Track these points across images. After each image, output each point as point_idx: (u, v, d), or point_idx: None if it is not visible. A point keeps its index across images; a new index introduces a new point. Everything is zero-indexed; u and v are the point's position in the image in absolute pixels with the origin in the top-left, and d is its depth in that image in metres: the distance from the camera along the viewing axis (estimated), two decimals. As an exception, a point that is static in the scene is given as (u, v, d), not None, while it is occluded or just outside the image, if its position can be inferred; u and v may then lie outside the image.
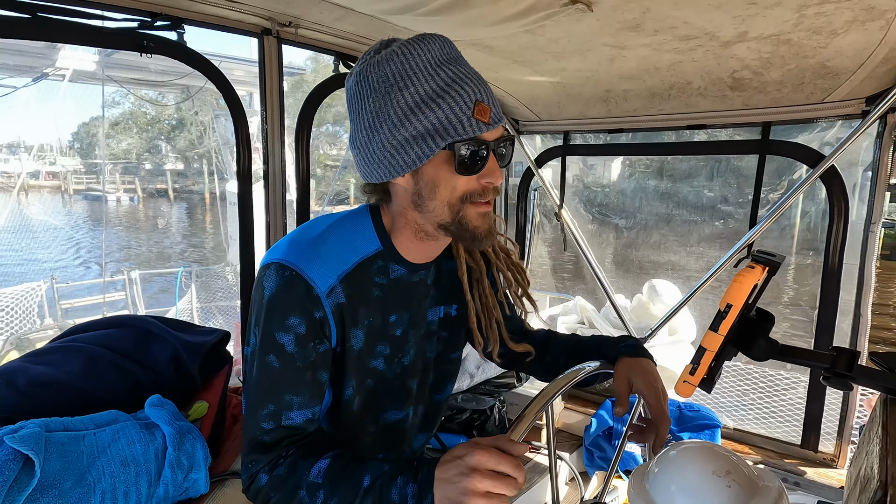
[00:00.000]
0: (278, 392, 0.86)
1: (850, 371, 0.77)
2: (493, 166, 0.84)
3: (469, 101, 0.79)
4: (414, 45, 0.81)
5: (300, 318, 0.84)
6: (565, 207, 2.30)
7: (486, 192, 0.85)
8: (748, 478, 0.73)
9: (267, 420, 0.86)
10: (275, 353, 0.85)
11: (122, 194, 30.04)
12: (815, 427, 1.85)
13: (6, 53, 5.66)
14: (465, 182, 0.84)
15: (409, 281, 0.97)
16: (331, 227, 0.92)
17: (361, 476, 0.81)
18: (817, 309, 1.77)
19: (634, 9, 1.18)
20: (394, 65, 0.81)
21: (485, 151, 0.82)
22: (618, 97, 1.83)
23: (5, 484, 0.80)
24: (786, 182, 2.08)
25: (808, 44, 1.29)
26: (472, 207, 0.85)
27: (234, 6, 1.37)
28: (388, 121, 0.81)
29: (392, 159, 0.83)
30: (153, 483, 0.95)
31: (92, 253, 16.33)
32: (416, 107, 0.79)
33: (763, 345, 0.83)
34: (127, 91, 9.38)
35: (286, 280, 0.84)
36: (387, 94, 0.81)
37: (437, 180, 0.84)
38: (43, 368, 1.07)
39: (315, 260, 0.86)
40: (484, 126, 0.81)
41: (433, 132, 0.80)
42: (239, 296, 1.73)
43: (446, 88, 0.79)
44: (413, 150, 0.81)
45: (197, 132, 23.40)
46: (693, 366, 0.84)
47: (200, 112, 7.15)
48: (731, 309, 0.78)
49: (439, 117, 0.79)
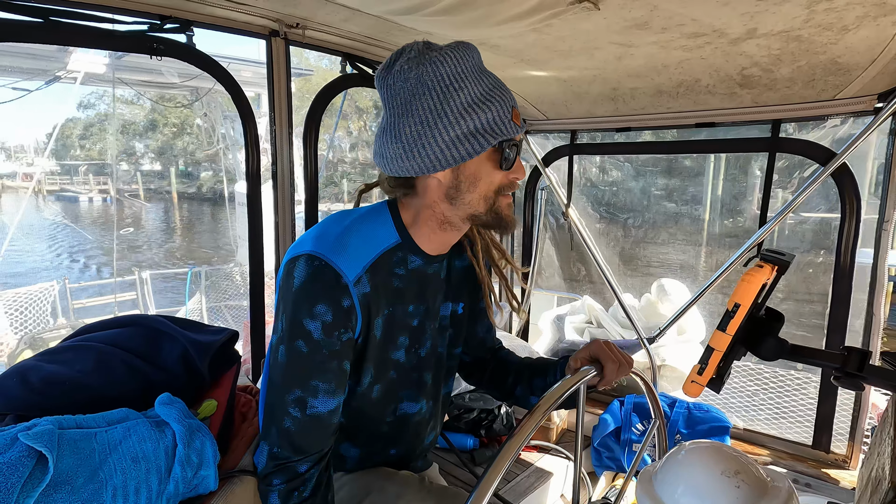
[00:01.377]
0: (305, 377, 0.89)
1: (861, 371, 0.76)
2: (520, 163, 0.95)
3: (508, 105, 0.89)
4: (461, 51, 0.89)
5: (327, 307, 0.88)
6: (572, 206, 2.30)
7: (513, 185, 0.96)
8: (757, 478, 0.73)
9: (293, 406, 0.89)
10: (303, 338, 0.88)
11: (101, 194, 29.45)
12: (827, 427, 1.83)
13: (19, 57, 5.75)
14: (502, 177, 0.93)
15: (425, 272, 1.02)
16: (354, 221, 0.97)
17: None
18: (829, 307, 1.75)
19: (641, 7, 1.18)
20: (448, 67, 0.87)
21: (517, 150, 0.94)
22: (625, 95, 1.82)
23: (20, 480, 0.81)
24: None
25: (819, 40, 1.27)
26: (504, 199, 0.96)
27: (243, 8, 1.38)
28: (446, 117, 0.87)
29: (446, 153, 0.89)
30: (163, 480, 0.97)
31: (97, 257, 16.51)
32: (470, 107, 0.87)
33: (772, 344, 0.82)
34: (103, 92, 9.28)
35: (315, 269, 0.88)
36: (444, 92, 0.87)
37: (479, 174, 0.92)
38: (56, 367, 1.08)
39: (342, 251, 0.91)
40: (516, 129, 0.91)
41: (484, 131, 0.88)
42: (248, 296, 1.74)
43: (492, 93, 0.89)
44: (466, 146, 0.88)
45: (171, 132, 23.22)
46: (701, 366, 0.84)
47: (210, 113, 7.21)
48: (739, 308, 0.77)
49: (489, 118, 0.87)
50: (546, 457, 2.08)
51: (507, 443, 0.77)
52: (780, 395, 2.41)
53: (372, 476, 1.04)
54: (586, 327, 2.75)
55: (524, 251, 2.53)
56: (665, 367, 2.41)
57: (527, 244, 2.52)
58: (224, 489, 1.09)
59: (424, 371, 1.08)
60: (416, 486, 1.04)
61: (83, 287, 7.79)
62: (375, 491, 1.01)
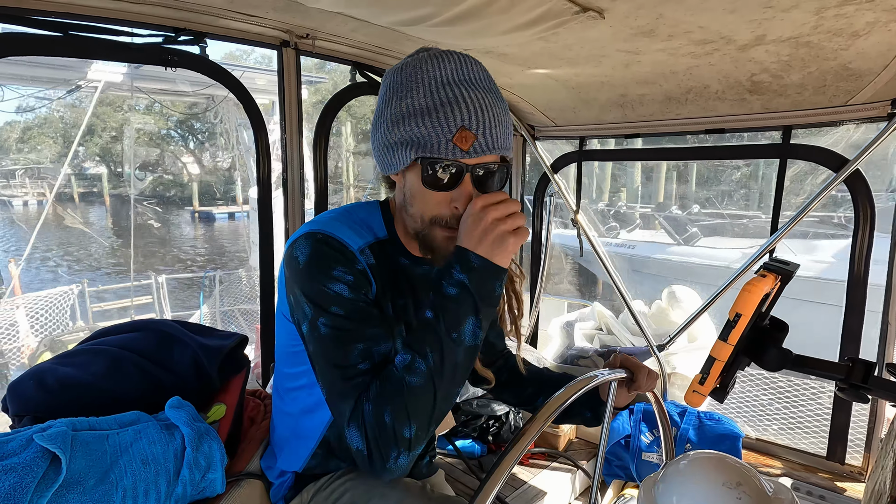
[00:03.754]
0: (357, 332, 0.84)
1: (865, 382, 0.75)
2: (466, 191, 0.83)
3: (453, 125, 0.80)
4: (430, 59, 0.84)
5: (344, 269, 0.85)
6: (581, 213, 2.29)
7: (452, 219, 0.85)
8: (759, 490, 0.72)
9: (361, 360, 0.83)
10: (335, 303, 0.84)
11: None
12: (842, 438, 1.79)
13: (41, 67, 5.93)
14: (436, 200, 0.85)
15: (413, 272, 1.00)
16: (345, 210, 0.98)
17: (424, 315, 0.81)
18: (843, 317, 1.72)
19: (647, 15, 1.18)
20: (404, 74, 0.85)
21: (457, 173, 0.82)
22: (633, 102, 1.82)
23: (34, 480, 0.83)
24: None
25: (829, 46, 1.26)
26: (440, 230, 0.87)
27: (254, 20, 1.41)
28: (384, 123, 0.86)
29: (382, 158, 0.89)
30: (172, 482, 0.99)
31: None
32: (403, 118, 0.83)
33: (775, 355, 0.81)
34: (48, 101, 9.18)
35: (319, 241, 0.87)
36: (391, 98, 0.86)
37: (414, 190, 0.87)
38: (70, 370, 1.12)
39: (340, 227, 0.91)
40: (461, 153, 0.81)
41: (409, 144, 0.83)
42: (259, 299, 1.77)
43: (436, 108, 0.81)
44: (393, 155, 0.86)
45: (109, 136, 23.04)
46: (703, 375, 0.83)
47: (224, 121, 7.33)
48: (740, 318, 0.77)
49: (417, 133, 0.82)
50: (553, 465, 2.07)
51: (528, 424, 0.78)
52: (793, 404, 2.37)
53: (373, 482, 1.04)
54: (596, 334, 2.74)
55: (533, 257, 2.53)
56: (675, 375, 2.38)
57: (535, 250, 2.52)
58: (231, 492, 1.10)
59: None
60: (418, 493, 1.05)
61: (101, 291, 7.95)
62: (377, 497, 1.01)
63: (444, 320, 0.79)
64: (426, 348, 0.79)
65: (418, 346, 0.80)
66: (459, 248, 0.81)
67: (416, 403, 0.79)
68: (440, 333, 0.79)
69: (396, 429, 0.78)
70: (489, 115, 0.82)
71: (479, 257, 0.79)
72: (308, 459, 1.07)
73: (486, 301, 0.80)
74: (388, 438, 0.78)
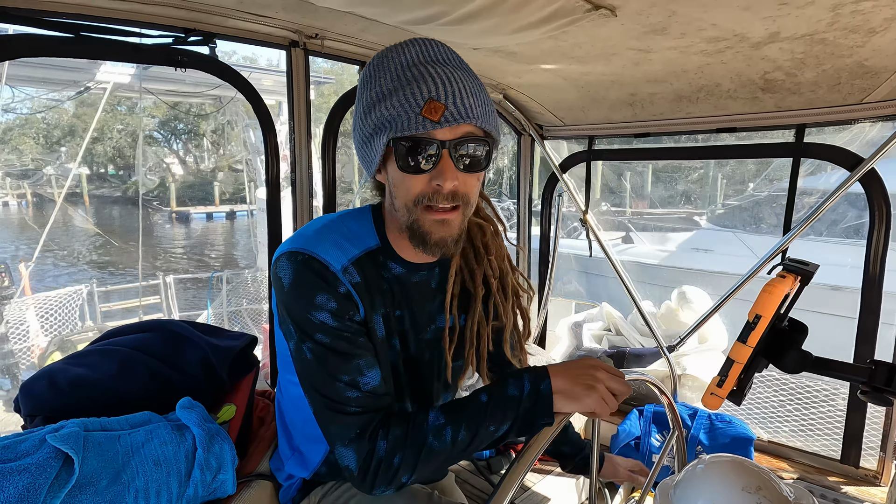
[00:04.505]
0: (344, 362, 0.83)
1: (889, 385, 0.74)
2: (446, 167, 0.79)
3: (420, 97, 0.76)
4: (395, 48, 0.82)
5: (327, 295, 0.84)
6: (590, 213, 2.28)
7: (437, 197, 0.80)
8: (780, 495, 0.71)
9: (349, 389, 0.83)
10: (319, 331, 0.83)
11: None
12: (857, 441, 1.76)
13: (52, 69, 5.99)
14: (418, 183, 0.80)
15: (408, 281, 0.96)
16: (332, 220, 0.94)
17: (478, 396, 0.83)
18: (858, 318, 1.69)
19: (660, 12, 1.17)
20: (371, 66, 0.84)
21: (433, 149, 0.78)
22: (644, 101, 1.80)
23: (47, 481, 0.83)
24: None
25: (845, 43, 1.24)
26: (427, 213, 0.82)
27: (263, 20, 1.41)
28: (358, 118, 0.85)
29: (362, 156, 0.87)
30: (183, 483, 0.98)
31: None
32: (371, 104, 0.80)
33: (795, 357, 0.80)
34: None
35: (300, 263, 0.84)
36: (359, 93, 0.84)
37: (396, 180, 0.83)
38: (82, 370, 1.12)
39: (322, 244, 0.87)
40: (431, 124, 0.76)
41: (380, 128, 0.79)
42: (268, 299, 1.77)
43: (401, 86, 0.77)
44: (370, 148, 0.83)
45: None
46: (721, 378, 0.82)
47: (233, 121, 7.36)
48: (760, 320, 0.76)
49: (384, 114, 0.78)
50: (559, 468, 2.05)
51: (521, 453, 0.77)
52: (806, 406, 2.34)
53: None
54: (605, 334, 2.72)
55: (541, 257, 2.52)
56: (686, 377, 2.36)
57: (544, 250, 2.51)
58: (242, 493, 1.10)
59: (417, 380, 1.03)
60: (425, 500, 1.04)
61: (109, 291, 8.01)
62: (384, 502, 1.01)
63: (490, 412, 0.81)
64: (462, 425, 0.81)
65: (454, 418, 0.82)
66: (545, 367, 0.83)
67: (427, 462, 0.82)
68: (482, 420, 0.81)
69: (399, 473, 0.81)
70: (458, 85, 0.78)
71: (550, 389, 0.80)
72: (319, 466, 1.07)
73: (525, 425, 0.82)
74: (388, 476, 0.82)
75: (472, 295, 1.01)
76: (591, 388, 0.79)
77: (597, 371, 0.81)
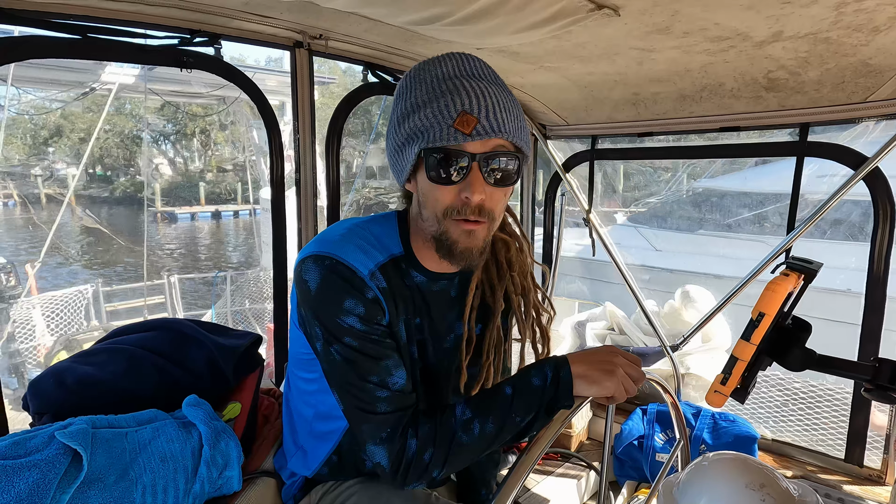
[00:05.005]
0: (372, 363, 0.85)
1: (893, 383, 0.74)
2: (475, 180, 0.79)
3: (453, 110, 0.78)
4: (434, 60, 0.85)
5: (354, 300, 0.85)
6: (593, 212, 2.28)
7: (465, 209, 0.81)
8: (784, 492, 0.71)
9: (379, 389, 0.85)
10: (348, 335, 0.85)
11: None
12: (861, 440, 1.76)
13: (58, 70, 6.03)
14: (446, 195, 0.82)
15: (428, 289, 0.97)
16: (357, 225, 0.95)
17: (502, 389, 0.86)
18: (862, 316, 1.69)
19: (663, 12, 1.17)
20: (408, 78, 0.86)
21: (463, 161, 0.79)
22: (647, 100, 1.80)
23: (57, 476, 0.85)
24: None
25: (848, 42, 1.24)
26: (454, 224, 0.83)
27: (268, 21, 1.42)
28: (392, 127, 0.86)
29: (394, 165, 0.88)
30: (190, 479, 0.99)
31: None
32: (406, 114, 0.82)
33: (799, 355, 0.80)
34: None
35: (328, 268, 0.86)
36: (395, 103, 0.86)
37: (425, 190, 0.84)
38: (89, 369, 1.13)
39: (348, 249, 0.88)
40: (462, 136, 0.77)
41: (412, 138, 0.81)
42: (273, 298, 1.78)
43: (435, 98, 0.79)
44: (400, 158, 0.85)
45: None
46: (724, 375, 0.82)
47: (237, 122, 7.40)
48: (763, 318, 0.76)
49: (418, 124, 0.80)
50: (566, 465, 2.06)
51: (527, 449, 0.77)
52: (810, 405, 2.34)
53: (381, 488, 1.04)
54: (608, 334, 2.72)
55: (544, 257, 2.52)
56: (689, 376, 2.36)
57: (547, 250, 2.51)
58: (247, 490, 1.11)
59: (431, 387, 1.04)
60: (423, 500, 1.05)
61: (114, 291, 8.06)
62: (383, 502, 1.02)
63: (516, 403, 0.84)
64: (489, 417, 0.84)
65: (482, 412, 0.85)
66: (564, 356, 0.86)
67: (457, 457, 0.84)
68: (508, 411, 0.84)
69: (430, 468, 0.84)
70: (492, 100, 0.79)
71: (570, 374, 0.84)
72: (320, 466, 1.07)
73: (549, 413, 0.84)
74: (419, 472, 0.84)
75: (491, 309, 1.03)
76: (610, 372, 0.82)
77: (615, 357, 0.84)
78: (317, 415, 1.05)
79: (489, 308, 1.03)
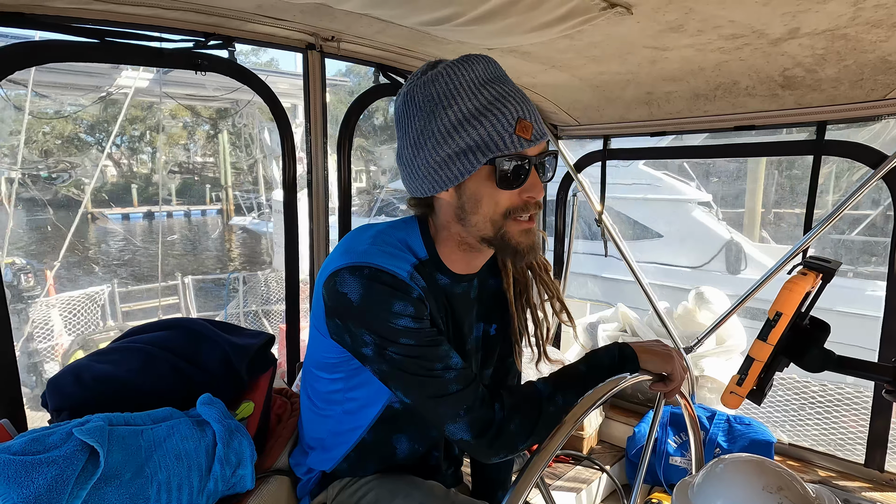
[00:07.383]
0: (434, 350, 0.88)
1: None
2: (535, 181, 0.87)
3: (511, 118, 0.83)
4: (458, 66, 0.85)
5: (403, 302, 0.87)
6: (605, 212, 2.26)
7: (527, 207, 0.88)
8: (802, 496, 0.70)
9: (446, 372, 0.88)
10: (404, 335, 0.87)
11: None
12: (881, 444, 1.72)
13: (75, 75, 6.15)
14: (508, 197, 0.87)
15: (452, 291, 1.00)
16: (380, 231, 0.96)
17: (576, 367, 0.96)
18: (882, 318, 1.66)
19: (676, 10, 1.16)
20: (439, 85, 0.85)
21: (527, 166, 0.85)
22: (660, 99, 1.79)
23: (74, 473, 0.86)
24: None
25: (867, 38, 1.22)
26: (515, 224, 0.89)
27: (281, 24, 1.43)
28: (433, 138, 0.85)
29: (436, 175, 0.87)
30: (204, 477, 1.00)
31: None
32: (458, 124, 0.83)
33: (817, 355, 0.78)
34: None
35: (367, 277, 0.87)
36: (431, 112, 0.85)
37: (480, 195, 0.87)
38: (106, 367, 1.15)
39: (381, 256, 0.90)
40: (526, 142, 0.83)
41: (475, 148, 0.83)
42: (284, 300, 1.79)
43: (489, 107, 0.83)
44: (455, 166, 0.85)
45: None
46: (741, 376, 0.81)
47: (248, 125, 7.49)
48: (780, 317, 0.75)
49: (481, 134, 0.83)
50: (577, 468, 2.04)
51: (538, 450, 0.77)
52: (828, 408, 2.29)
53: (400, 482, 1.05)
54: (620, 335, 2.69)
55: (555, 258, 2.51)
56: (704, 378, 2.33)
57: (558, 251, 2.50)
58: (260, 488, 1.12)
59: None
60: (442, 496, 1.05)
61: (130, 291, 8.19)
62: (401, 496, 1.02)
63: (590, 379, 0.92)
64: (570, 391, 0.91)
65: (563, 386, 0.93)
66: (629, 344, 0.98)
67: (542, 427, 0.89)
68: (584, 386, 0.90)
69: (516, 439, 0.89)
70: (531, 105, 0.86)
71: (634, 351, 0.95)
72: (340, 461, 1.08)
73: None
74: (504, 441, 0.89)
75: (508, 309, 1.09)
76: (669, 355, 0.94)
77: (668, 346, 0.97)
78: (344, 412, 1.06)
79: (506, 308, 1.08)
